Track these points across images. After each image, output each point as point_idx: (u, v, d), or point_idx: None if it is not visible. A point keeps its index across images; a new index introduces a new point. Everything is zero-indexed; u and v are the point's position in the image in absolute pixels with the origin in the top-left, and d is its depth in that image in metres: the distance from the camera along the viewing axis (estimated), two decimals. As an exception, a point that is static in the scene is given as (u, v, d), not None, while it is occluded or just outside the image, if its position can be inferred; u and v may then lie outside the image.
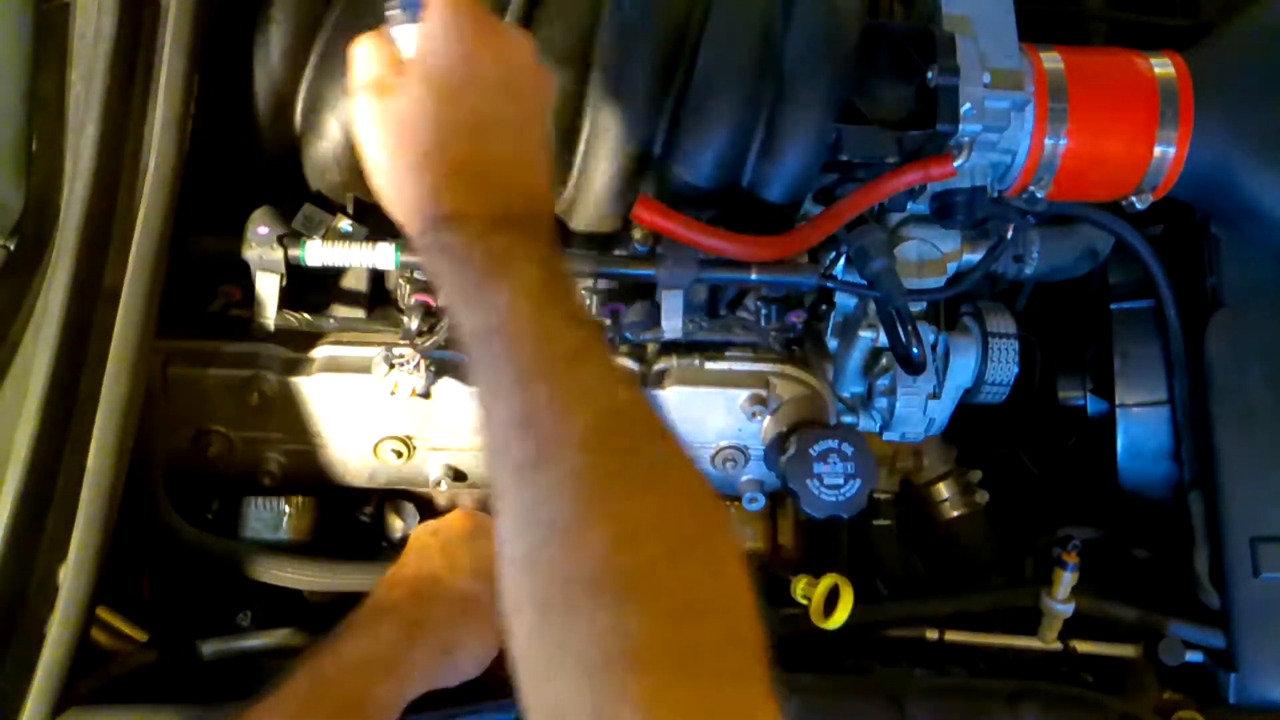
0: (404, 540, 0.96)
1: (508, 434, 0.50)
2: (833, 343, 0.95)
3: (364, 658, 0.68)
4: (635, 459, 0.49)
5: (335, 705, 0.64)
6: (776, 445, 0.89)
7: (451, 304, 0.55)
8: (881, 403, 0.94)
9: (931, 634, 0.93)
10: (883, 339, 0.89)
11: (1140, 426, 0.99)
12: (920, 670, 0.91)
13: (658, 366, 0.89)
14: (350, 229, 0.84)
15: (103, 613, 0.77)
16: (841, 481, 0.86)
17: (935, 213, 0.93)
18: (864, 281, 0.88)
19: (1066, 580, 0.89)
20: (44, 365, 0.70)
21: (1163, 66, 0.90)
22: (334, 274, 0.89)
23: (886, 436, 0.97)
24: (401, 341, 0.84)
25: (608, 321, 0.88)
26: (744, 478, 0.93)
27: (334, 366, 0.86)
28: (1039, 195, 0.90)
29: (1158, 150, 0.88)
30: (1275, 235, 0.94)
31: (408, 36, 0.62)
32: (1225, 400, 0.94)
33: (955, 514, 1.05)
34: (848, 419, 0.94)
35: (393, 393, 0.84)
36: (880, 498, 1.04)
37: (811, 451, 0.86)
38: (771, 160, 0.85)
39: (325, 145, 0.84)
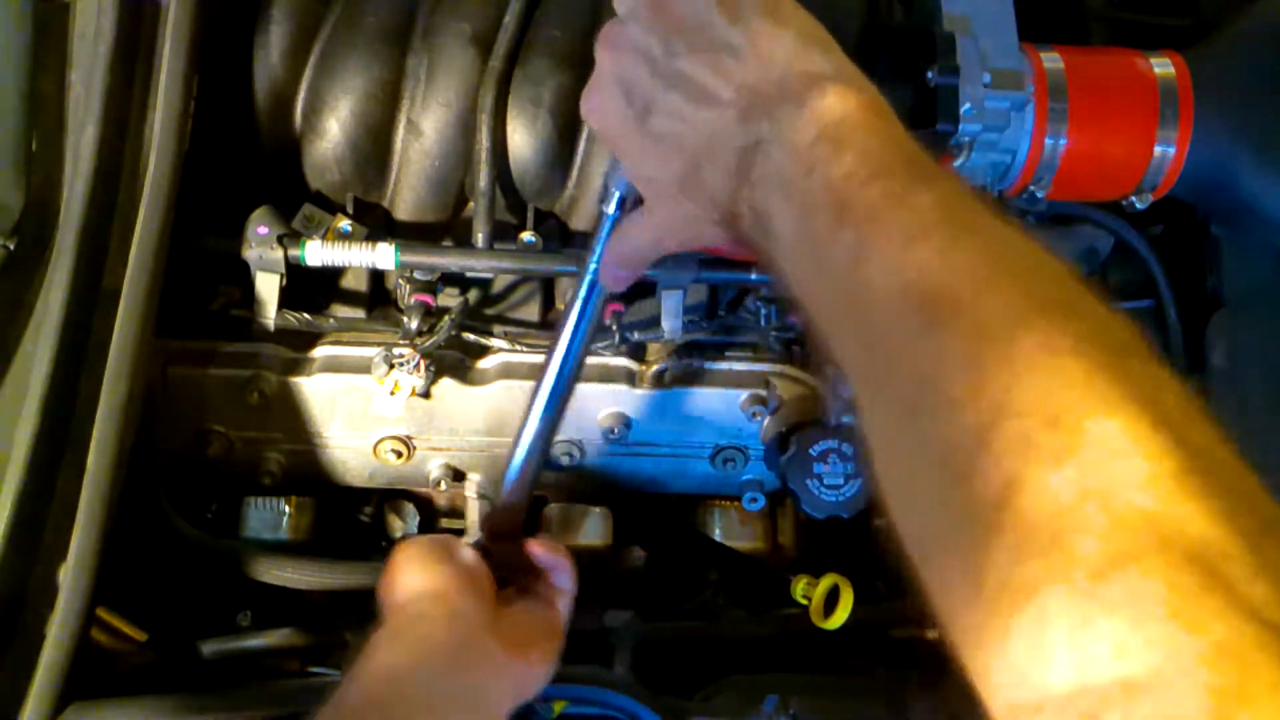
0: (403, 539, 0.96)
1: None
2: (833, 343, 0.95)
3: None
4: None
5: None
6: (776, 445, 0.89)
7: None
8: (881, 403, 0.94)
9: (932, 634, 0.93)
10: (883, 339, 0.89)
11: (1140, 426, 0.99)
12: (920, 670, 0.91)
13: (657, 366, 0.89)
14: (350, 229, 0.84)
15: (103, 613, 0.76)
16: (841, 481, 0.86)
17: (935, 213, 0.93)
18: (864, 281, 0.88)
19: (1066, 580, 0.88)
20: (44, 365, 0.70)
21: (1163, 66, 0.89)
22: (334, 274, 0.89)
23: (887, 436, 0.97)
24: (401, 341, 0.84)
25: (613, 325, 0.87)
26: (744, 478, 0.93)
27: (334, 366, 0.86)
28: (1039, 195, 0.90)
29: (1158, 150, 0.88)
30: (1275, 235, 0.94)
31: None
32: (1225, 400, 0.94)
33: (955, 514, 1.05)
34: (848, 419, 0.94)
35: (393, 393, 0.84)
36: (881, 498, 1.04)
37: (811, 451, 0.86)
38: (771, 160, 0.85)
39: (325, 145, 0.84)
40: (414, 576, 0.64)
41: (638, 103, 0.54)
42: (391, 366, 0.83)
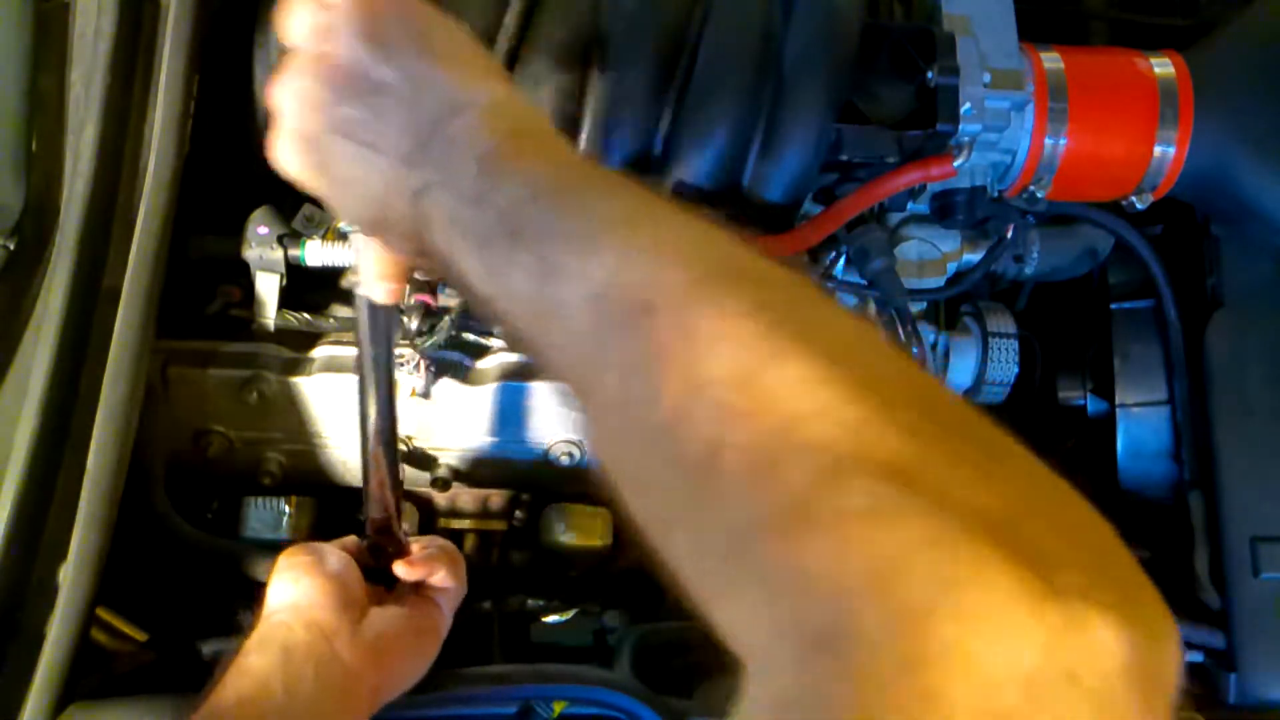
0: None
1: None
2: (833, 343, 0.95)
3: None
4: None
5: None
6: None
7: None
8: (881, 403, 0.94)
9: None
10: (883, 339, 0.89)
11: (1140, 426, 0.99)
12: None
13: (658, 366, 0.89)
14: (350, 229, 0.84)
15: (103, 613, 0.76)
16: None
17: (935, 213, 0.93)
18: (864, 281, 0.88)
19: (1066, 580, 0.88)
20: (44, 365, 0.70)
21: (1163, 66, 0.90)
22: (334, 274, 0.89)
23: (887, 436, 0.97)
24: (401, 341, 0.84)
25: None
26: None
27: (334, 366, 0.86)
28: (1039, 195, 0.90)
29: (1158, 150, 0.88)
30: (1275, 235, 0.94)
31: None
32: (1225, 400, 0.94)
33: (955, 514, 1.05)
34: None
35: (393, 393, 0.84)
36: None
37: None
38: (771, 160, 0.85)
39: (325, 145, 0.84)
40: (283, 588, 0.70)
41: (315, 153, 0.53)
42: (391, 366, 0.83)
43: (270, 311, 0.84)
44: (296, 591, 0.69)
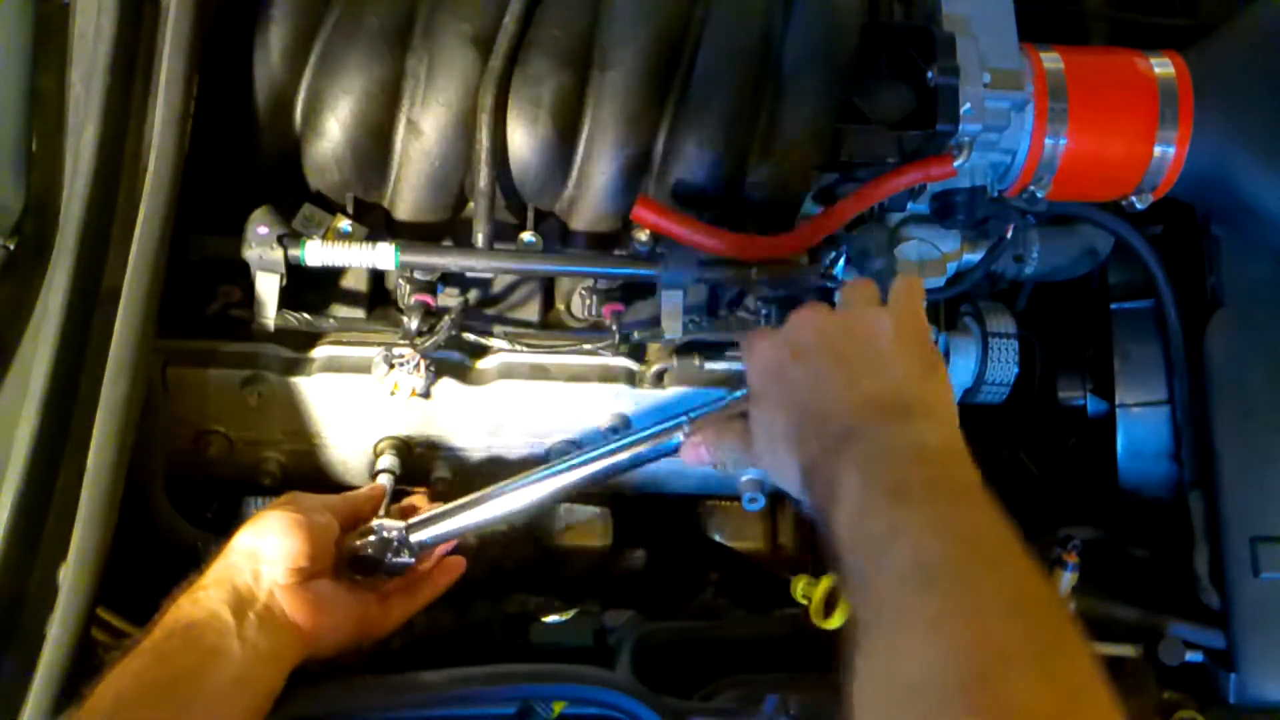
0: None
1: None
2: (833, 343, 0.95)
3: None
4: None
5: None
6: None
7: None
8: (881, 403, 0.94)
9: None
10: (883, 339, 0.89)
11: (1140, 426, 0.99)
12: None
13: (657, 366, 0.89)
14: (350, 229, 0.84)
15: (103, 613, 0.76)
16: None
17: (935, 213, 0.93)
18: (864, 281, 0.88)
19: (1066, 580, 0.88)
20: (44, 365, 0.70)
21: (1163, 66, 0.90)
22: (334, 274, 0.89)
23: (887, 436, 0.97)
24: (401, 341, 0.84)
25: (613, 325, 0.88)
26: (744, 478, 0.93)
27: (334, 366, 0.86)
28: (1039, 195, 0.90)
29: (1158, 150, 0.88)
30: (1275, 235, 0.94)
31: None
32: (1225, 400, 0.94)
33: (955, 514, 1.05)
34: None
35: (393, 393, 0.84)
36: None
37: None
38: (771, 160, 0.85)
39: (325, 145, 0.84)
40: (257, 538, 0.73)
41: (792, 354, 0.68)
42: (392, 366, 0.83)
43: (270, 311, 0.84)
44: (265, 544, 0.72)
